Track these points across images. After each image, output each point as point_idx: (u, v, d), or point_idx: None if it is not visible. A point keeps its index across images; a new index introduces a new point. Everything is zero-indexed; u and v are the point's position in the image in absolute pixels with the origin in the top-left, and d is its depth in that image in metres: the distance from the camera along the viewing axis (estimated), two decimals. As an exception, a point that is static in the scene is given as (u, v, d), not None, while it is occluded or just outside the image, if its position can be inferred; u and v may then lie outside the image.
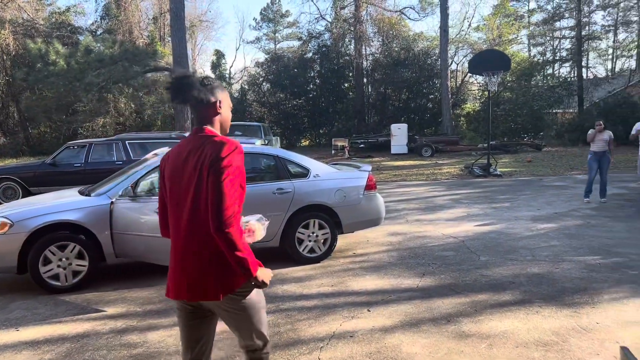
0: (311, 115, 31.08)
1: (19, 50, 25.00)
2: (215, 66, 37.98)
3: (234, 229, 1.80)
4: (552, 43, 36.20)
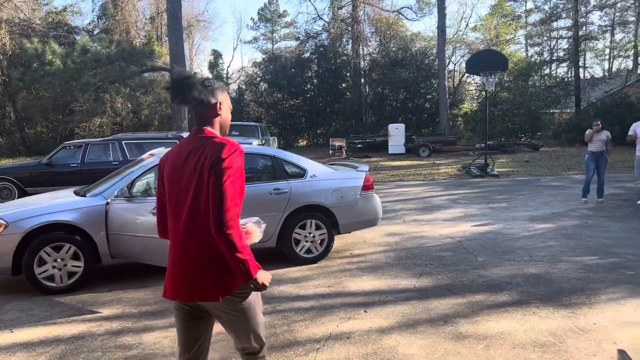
0: (309, 115, 31.04)
1: (15, 50, 24.94)
2: (213, 66, 37.95)
3: (234, 231, 1.79)
4: (550, 43, 36.24)
